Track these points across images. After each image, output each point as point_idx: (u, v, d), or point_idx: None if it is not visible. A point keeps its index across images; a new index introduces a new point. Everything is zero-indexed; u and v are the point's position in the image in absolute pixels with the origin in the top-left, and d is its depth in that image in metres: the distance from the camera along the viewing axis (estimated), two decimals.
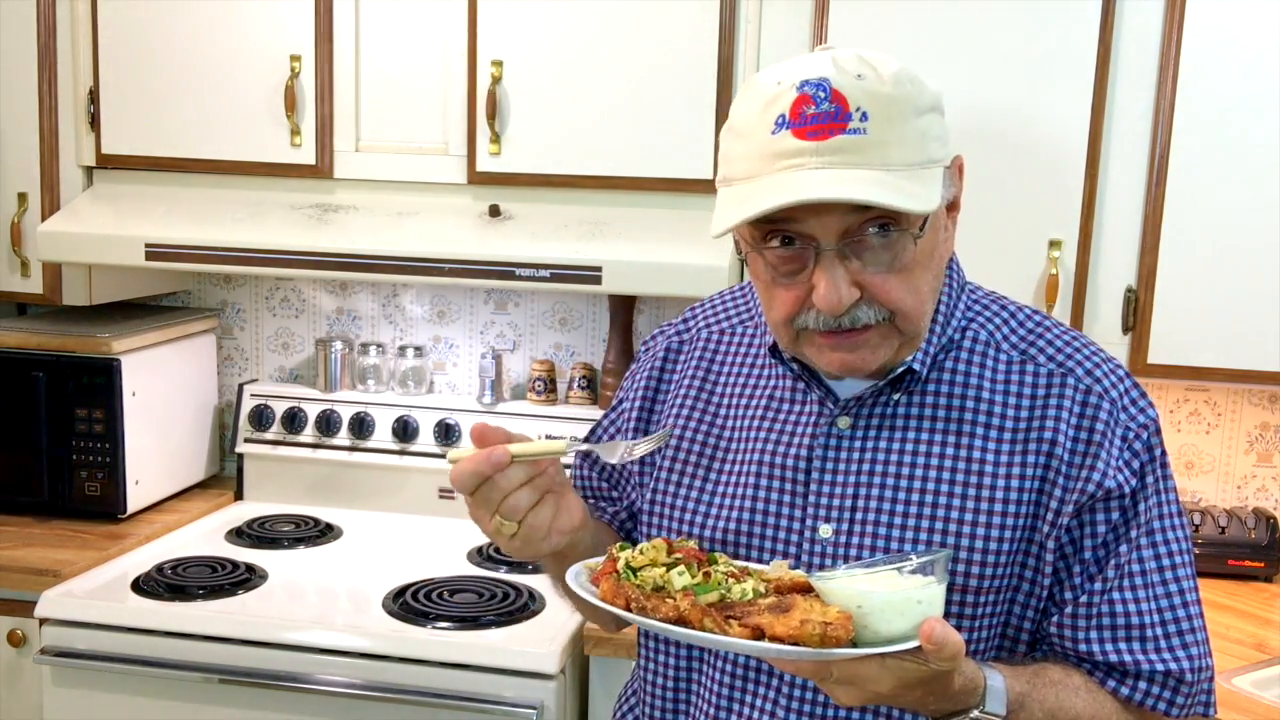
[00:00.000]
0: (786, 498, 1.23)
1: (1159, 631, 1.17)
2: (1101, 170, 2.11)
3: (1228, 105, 2.07)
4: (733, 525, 1.25)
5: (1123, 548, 1.17)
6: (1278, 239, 2.08)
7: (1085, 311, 2.15)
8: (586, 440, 1.41)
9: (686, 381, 1.34)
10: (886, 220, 1.08)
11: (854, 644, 0.97)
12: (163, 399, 2.62)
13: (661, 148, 2.24)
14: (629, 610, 1.03)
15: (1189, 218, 2.10)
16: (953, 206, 1.17)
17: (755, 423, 1.27)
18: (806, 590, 1.04)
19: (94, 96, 2.44)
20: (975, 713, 1.06)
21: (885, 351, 1.16)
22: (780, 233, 1.10)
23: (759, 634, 0.98)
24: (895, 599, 0.97)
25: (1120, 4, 2.07)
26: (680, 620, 1.00)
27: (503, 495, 1.09)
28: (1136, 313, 2.15)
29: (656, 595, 1.03)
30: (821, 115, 1.05)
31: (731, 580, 1.06)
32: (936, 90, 1.13)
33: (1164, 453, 1.20)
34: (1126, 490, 1.16)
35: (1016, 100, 2.11)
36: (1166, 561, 1.18)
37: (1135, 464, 1.17)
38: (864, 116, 1.05)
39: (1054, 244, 2.13)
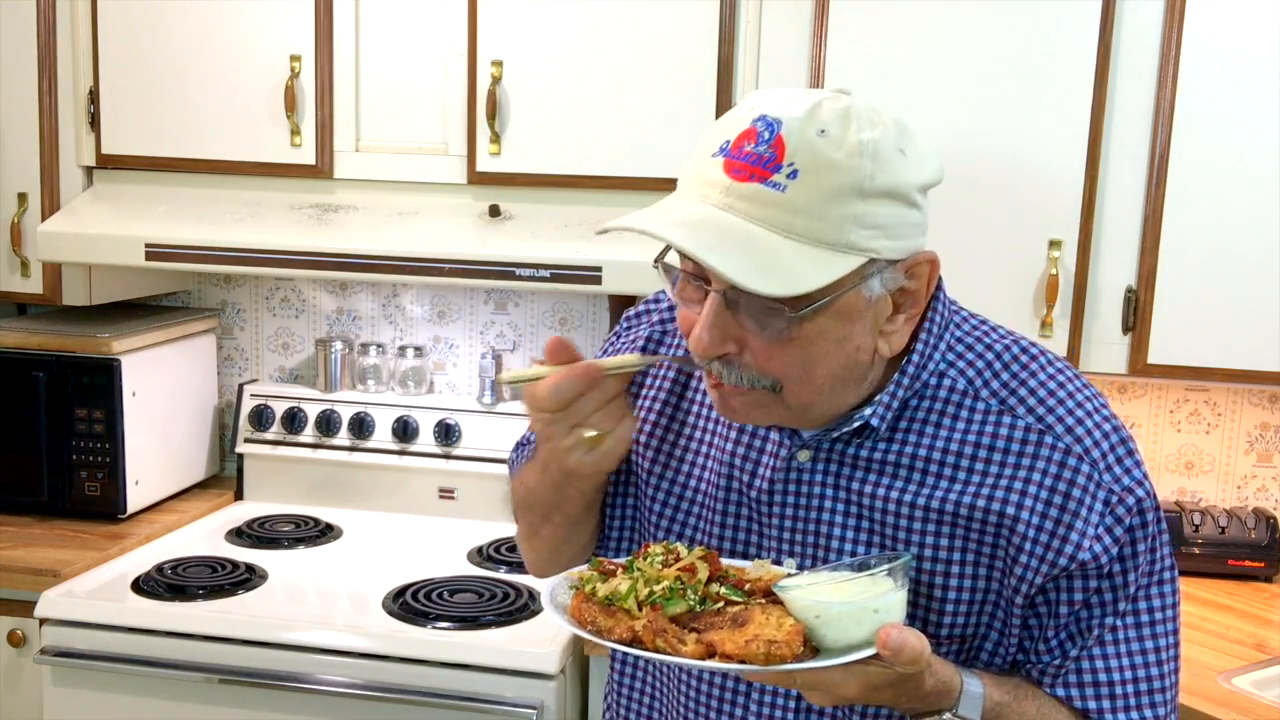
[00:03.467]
0: (755, 525, 1.21)
1: (1129, 689, 1.15)
2: (1101, 170, 2.11)
3: (1228, 105, 2.07)
4: (701, 540, 1.24)
5: (1109, 620, 1.13)
6: (1278, 239, 2.08)
7: (1085, 311, 2.15)
8: None
9: (667, 385, 1.29)
10: None
11: (816, 651, 1.00)
12: (163, 399, 2.62)
13: (662, 148, 2.24)
14: (587, 629, 1.04)
15: (1189, 218, 2.10)
16: (902, 306, 1.08)
17: (723, 442, 1.24)
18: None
19: (94, 96, 2.44)
20: (948, 715, 1.07)
21: (764, 417, 1.11)
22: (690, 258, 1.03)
23: (711, 651, 1.00)
24: (852, 609, 0.99)
25: (1120, 5, 2.07)
26: (634, 640, 1.02)
27: (595, 408, 1.08)
28: (1136, 313, 2.15)
29: (617, 613, 1.03)
30: (754, 156, 0.99)
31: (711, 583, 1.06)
32: (920, 180, 1.03)
33: (1158, 515, 1.13)
34: (1105, 560, 1.10)
35: (1017, 100, 2.11)
36: (1146, 619, 1.15)
37: (1118, 530, 1.10)
38: (792, 174, 0.98)
39: (1054, 244, 2.12)
